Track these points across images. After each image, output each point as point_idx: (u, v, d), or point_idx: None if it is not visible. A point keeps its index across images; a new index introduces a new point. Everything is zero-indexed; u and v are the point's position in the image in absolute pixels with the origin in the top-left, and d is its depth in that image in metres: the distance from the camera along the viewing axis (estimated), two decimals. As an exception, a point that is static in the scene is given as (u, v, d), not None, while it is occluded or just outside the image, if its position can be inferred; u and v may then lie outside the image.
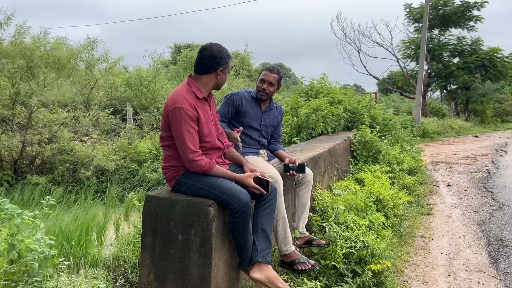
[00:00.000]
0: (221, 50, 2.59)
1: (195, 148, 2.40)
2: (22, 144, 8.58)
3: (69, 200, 7.41)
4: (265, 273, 2.45)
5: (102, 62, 11.86)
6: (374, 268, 3.21)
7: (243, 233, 2.39)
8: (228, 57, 2.61)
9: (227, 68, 2.63)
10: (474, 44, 25.05)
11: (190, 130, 2.40)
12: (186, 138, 2.39)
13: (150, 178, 8.33)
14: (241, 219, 2.35)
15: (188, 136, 2.39)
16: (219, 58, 2.56)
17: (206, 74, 2.57)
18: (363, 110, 7.88)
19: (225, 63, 2.59)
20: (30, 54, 9.46)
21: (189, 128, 2.39)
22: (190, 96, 2.48)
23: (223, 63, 2.57)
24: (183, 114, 2.39)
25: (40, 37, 10.36)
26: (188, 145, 2.38)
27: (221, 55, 2.57)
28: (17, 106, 8.95)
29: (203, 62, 2.56)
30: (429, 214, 5.85)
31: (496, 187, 7.51)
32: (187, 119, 2.39)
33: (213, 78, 2.59)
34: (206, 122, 2.53)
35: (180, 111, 2.39)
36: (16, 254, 2.67)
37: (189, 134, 2.39)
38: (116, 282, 3.03)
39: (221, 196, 2.34)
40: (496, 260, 4.14)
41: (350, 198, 4.06)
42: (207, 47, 2.57)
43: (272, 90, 3.44)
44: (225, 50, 2.62)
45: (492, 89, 28.15)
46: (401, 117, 16.49)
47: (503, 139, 17.18)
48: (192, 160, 2.39)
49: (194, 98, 2.49)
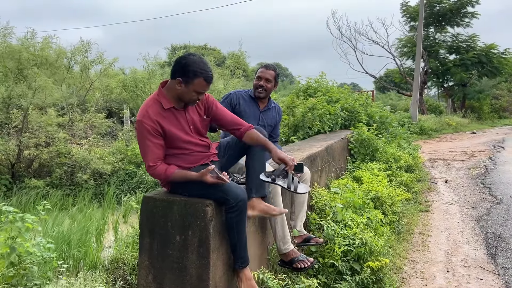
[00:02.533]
0: (192, 62, 2.38)
1: (152, 163, 2.40)
2: (18, 148, 8.56)
3: (68, 203, 7.41)
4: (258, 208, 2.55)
5: (97, 64, 11.81)
6: (372, 266, 3.21)
7: (237, 229, 2.38)
8: (194, 74, 2.36)
9: (191, 84, 2.38)
10: (470, 41, 25.14)
11: (148, 144, 2.40)
12: (144, 151, 2.42)
13: (148, 180, 8.32)
14: (237, 215, 2.35)
15: (145, 149, 2.41)
16: (183, 67, 2.38)
17: (172, 79, 2.44)
18: (360, 109, 7.89)
19: (186, 77, 2.37)
20: (18, 56, 9.40)
21: (147, 142, 2.39)
22: (155, 107, 2.42)
23: (186, 75, 2.37)
24: (142, 128, 2.39)
25: (28, 38, 10.28)
26: (146, 159, 2.43)
27: (187, 68, 2.37)
28: (13, 110, 8.92)
29: (173, 65, 2.45)
30: (427, 211, 5.87)
31: (494, 183, 7.53)
32: (146, 133, 2.38)
33: (174, 86, 2.42)
34: (177, 131, 2.46)
35: (141, 125, 2.40)
36: (17, 257, 2.67)
37: (147, 148, 2.41)
38: (115, 284, 3.04)
39: (219, 193, 2.34)
40: (494, 256, 4.16)
41: (347, 196, 4.06)
42: (185, 54, 2.47)
43: (269, 87, 3.44)
44: (195, 65, 2.38)
45: (489, 85, 28.25)
46: (398, 114, 16.53)
47: (500, 135, 17.24)
48: (150, 173, 2.44)
49: (159, 109, 2.42)
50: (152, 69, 13.71)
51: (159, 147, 2.42)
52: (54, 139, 8.84)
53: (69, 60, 11.26)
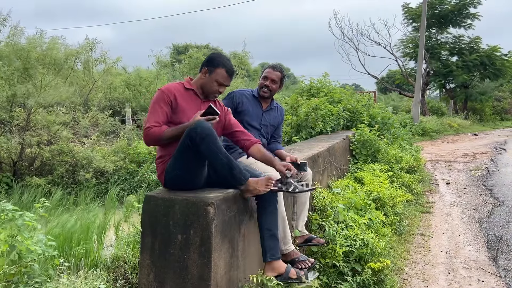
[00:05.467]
0: (217, 55, 2.75)
1: (150, 124, 2.51)
2: (21, 146, 8.57)
3: (69, 201, 7.41)
4: (278, 270, 2.64)
5: (100, 63, 11.84)
6: (374, 266, 3.21)
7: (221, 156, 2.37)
8: (218, 63, 2.69)
9: (214, 73, 2.68)
10: (472, 42, 25.09)
11: (157, 108, 2.55)
12: (150, 115, 2.54)
13: (150, 179, 8.32)
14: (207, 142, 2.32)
15: (152, 113, 2.54)
16: (210, 59, 2.71)
17: (199, 72, 2.74)
18: (362, 109, 7.89)
19: (212, 66, 2.69)
20: (26, 55, 9.44)
21: (156, 106, 2.55)
22: (178, 86, 2.67)
23: (211, 65, 2.69)
24: (159, 94, 2.58)
25: (36, 38, 10.33)
26: (147, 121, 2.53)
27: (213, 58, 2.71)
28: (16, 108, 8.94)
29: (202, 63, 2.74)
30: (428, 212, 5.86)
31: (495, 185, 7.51)
32: (160, 100, 2.56)
33: (200, 76, 2.72)
34: (185, 110, 2.61)
35: (159, 93, 2.59)
36: (17, 255, 2.67)
37: (154, 111, 2.54)
38: (116, 283, 3.03)
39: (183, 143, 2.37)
40: (495, 258, 4.15)
41: (349, 197, 4.06)
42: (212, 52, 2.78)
43: (274, 88, 3.44)
44: (220, 57, 2.73)
45: (491, 87, 28.19)
46: (400, 115, 16.51)
47: (502, 137, 17.20)
48: (145, 133, 2.51)
49: (181, 88, 2.66)
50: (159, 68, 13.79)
51: (164, 114, 2.56)
52: (57, 137, 8.85)
53: (74, 58, 11.28)
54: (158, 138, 2.51)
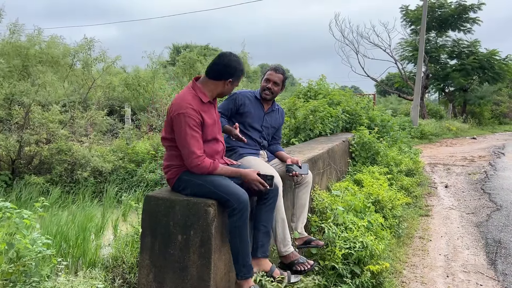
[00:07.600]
0: (238, 62, 2.60)
1: (200, 153, 2.42)
2: (19, 144, 8.55)
3: (67, 200, 7.39)
4: (263, 268, 2.63)
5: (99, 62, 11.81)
6: (373, 269, 3.21)
7: (240, 236, 2.36)
8: (241, 72, 2.63)
9: (237, 81, 2.64)
10: (471, 46, 25.16)
11: (195, 135, 2.42)
12: (190, 143, 2.40)
13: (148, 179, 8.31)
14: (238, 218, 2.34)
15: (192, 141, 2.41)
16: (234, 69, 2.57)
17: (216, 81, 2.57)
18: (362, 112, 7.89)
19: (236, 76, 2.61)
20: (25, 53, 9.43)
21: (194, 133, 2.41)
22: (195, 101, 2.49)
23: (235, 75, 2.59)
24: (188, 119, 2.40)
25: (35, 35, 10.32)
26: (193, 150, 2.40)
27: (237, 67, 2.59)
28: (15, 106, 8.92)
29: (217, 69, 2.57)
30: (427, 216, 5.86)
31: (494, 188, 7.52)
32: (191, 124, 2.41)
33: (220, 86, 2.59)
34: (211, 125, 2.55)
35: (185, 117, 2.40)
36: (15, 254, 2.66)
37: (193, 139, 2.41)
38: (114, 282, 3.03)
39: (220, 193, 2.34)
40: (494, 262, 4.15)
41: (348, 199, 4.06)
42: (226, 55, 2.59)
43: (276, 90, 3.44)
44: (241, 64, 2.64)
45: (490, 91, 28.28)
46: (399, 118, 16.52)
47: (501, 141, 17.23)
48: (197, 164, 2.41)
49: (199, 103, 2.50)
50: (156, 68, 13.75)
51: (201, 139, 2.47)
52: (55, 136, 8.83)
53: (72, 57, 11.27)
54: (210, 172, 2.45)
